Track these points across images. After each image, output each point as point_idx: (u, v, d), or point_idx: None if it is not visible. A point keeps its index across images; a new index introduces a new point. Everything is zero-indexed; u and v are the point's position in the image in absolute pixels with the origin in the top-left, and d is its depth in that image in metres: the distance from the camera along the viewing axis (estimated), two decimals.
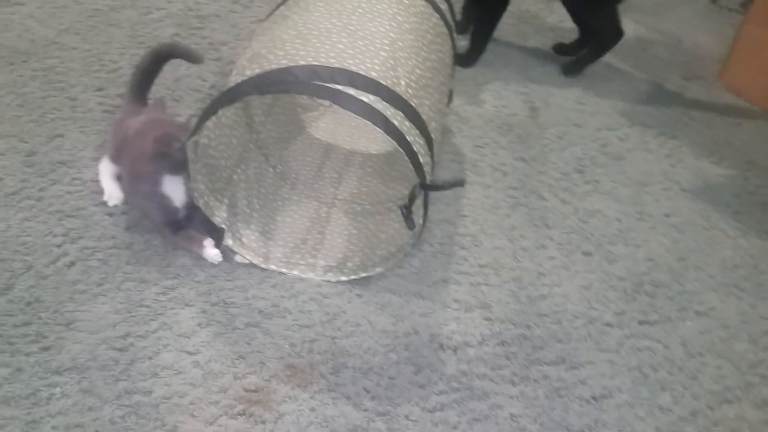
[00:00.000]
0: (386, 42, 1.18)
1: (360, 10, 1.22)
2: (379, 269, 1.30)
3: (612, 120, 1.76)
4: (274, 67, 1.11)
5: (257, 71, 1.12)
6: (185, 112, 1.63)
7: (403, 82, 1.15)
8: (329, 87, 1.08)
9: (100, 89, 1.65)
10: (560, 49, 1.96)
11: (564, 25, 1.92)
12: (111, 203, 1.37)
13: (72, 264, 1.27)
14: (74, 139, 1.52)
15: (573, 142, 1.69)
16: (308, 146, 1.56)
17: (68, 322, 1.18)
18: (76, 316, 1.19)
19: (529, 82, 1.86)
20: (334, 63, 1.10)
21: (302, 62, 1.10)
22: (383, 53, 1.16)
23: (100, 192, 1.39)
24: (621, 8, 1.92)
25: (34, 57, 1.72)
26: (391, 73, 1.14)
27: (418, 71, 1.21)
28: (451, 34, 1.43)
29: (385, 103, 1.10)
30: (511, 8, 1.85)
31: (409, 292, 1.31)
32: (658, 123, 1.76)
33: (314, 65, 1.09)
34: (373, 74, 1.12)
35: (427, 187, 1.15)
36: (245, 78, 1.13)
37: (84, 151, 1.49)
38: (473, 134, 1.67)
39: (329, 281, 1.31)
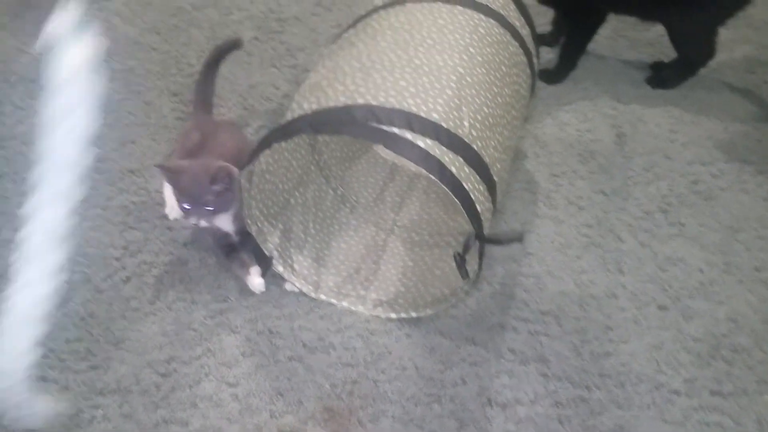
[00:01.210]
0: (453, 78, 1.11)
1: (429, 41, 1.15)
2: (429, 311, 1.24)
3: (706, 152, 1.61)
4: (332, 104, 1.07)
5: (314, 106, 1.08)
6: (255, 122, 1.62)
7: (467, 123, 1.08)
8: (385, 130, 1.02)
9: (175, 94, 1.66)
10: (659, 68, 1.82)
11: (664, 40, 1.77)
12: (171, 216, 1.38)
13: (128, 279, 1.28)
14: (145, 146, 1.53)
15: (660, 176, 1.56)
16: (373, 166, 1.51)
17: (118, 341, 1.19)
18: (125, 335, 1.20)
19: (619, 103, 1.73)
20: (394, 102, 1.05)
21: (360, 100, 1.05)
22: (448, 91, 1.09)
23: (164, 204, 1.40)
24: (729, 22, 1.75)
25: (115, 57, 1.75)
26: (455, 113, 1.07)
27: (485, 109, 1.13)
28: (530, 61, 1.33)
29: (443, 148, 1.04)
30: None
31: (461, 336, 1.24)
32: (760, 159, 1.60)
33: (372, 105, 1.04)
34: (434, 115, 1.05)
35: (483, 239, 1.08)
36: (302, 113, 1.09)
37: (153, 159, 1.50)
38: (551, 161, 1.57)
39: (378, 317, 1.26)
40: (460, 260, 1.11)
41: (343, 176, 1.46)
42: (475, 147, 1.09)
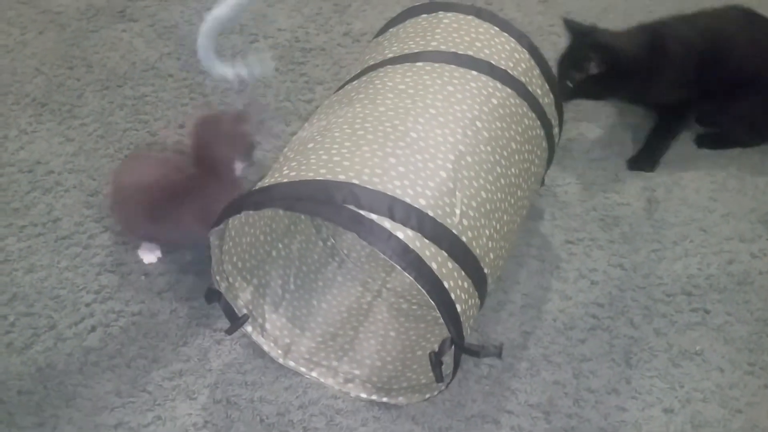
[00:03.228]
0: (451, 157, 1.01)
1: (432, 110, 1.05)
2: (402, 400, 1.14)
3: (748, 227, 1.44)
4: (311, 175, 0.98)
5: (293, 174, 1.00)
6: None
7: (458, 211, 0.98)
8: (362, 216, 0.93)
9: (181, 126, 1.61)
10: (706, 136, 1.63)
11: None
12: (147, 261, 1.33)
13: (93, 329, 1.23)
14: None
15: (690, 252, 1.39)
16: None
17: (69, 397, 1.14)
18: (78, 391, 1.15)
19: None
20: (378, 183, 0.95)
21: (342, 176, 0.96)
22: (443, 173, 0.99)
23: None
24: None
25: (130, 83, 1.72)
26: (446, 199, 0.97)
27: (483, 194, 1.03)
28: (549, 133, 1.22)
29: (425, 241, 0.94)
30: None
31: (435, 425, 1.13)
32: None
33: (353, 185, 0.95)
34: (422, 201, 0.95)
35: (459, 347, 0.97)
36: (280, 179, 1.00)
37: None
38: (568, 225, 1.44)
39: (348, 393, 1.17)
40: (436, 361, 1.01)
41: (338, 226, 1.36)
42: (464, 238, 0.99)
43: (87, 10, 1.92)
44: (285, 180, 1.01)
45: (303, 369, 1.19)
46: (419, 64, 1.15)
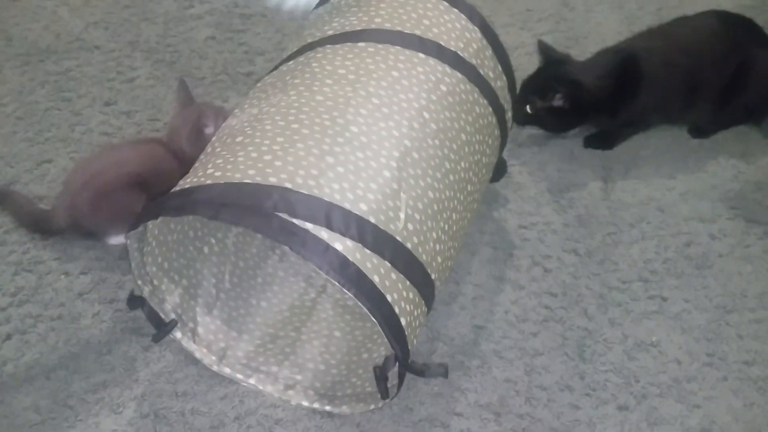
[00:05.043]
0: (395, 154, 0.92)
1: (375, 100, 0.96)
2: (346, 409, 1.07)
3: (708, 206, 1.38)
4: (238, 176, 0.89)
5: (218, 174, 0.90)
6: None
7: (402, 216, 0.90)
8: (296, 227, 0.84)
9: (107, 104, 1.49)
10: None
11: None
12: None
13: (8, 337, 1.13)
14: (61, 167, 1.37)
15: (647, 235, 1.34)
16: None
17: None
18: None
19: None
20: (314, 186, 0.86)
21: (273, 179, 0.87)
22: (386, 172, 0.91)
23: (62, 243, 1.24)
24: None
25: (53, 57, 1.58)
26: (390, 202, 0.89)
27: (430, 194, 0.95)
28: (501, 119, 1.14)
29: (366, 252, 0.86)
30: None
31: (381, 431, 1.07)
32: None
33: (286, 189, 0.86)
34: (362, 206, 0.87)
35: (402, 365, 0.90)
36: (203, 183, 0.90)
37: None
38: (522, 209, 1.37)
39: (288, 401, 1.09)
40: (380, 376, 0.94)
41: (267, 238, 1.27)
42: (409, 245, 0.91)
43: None
44: (209, 181, 0.91)
45: (240, 376, 1.11)
46: (361, 44, 1.05)
